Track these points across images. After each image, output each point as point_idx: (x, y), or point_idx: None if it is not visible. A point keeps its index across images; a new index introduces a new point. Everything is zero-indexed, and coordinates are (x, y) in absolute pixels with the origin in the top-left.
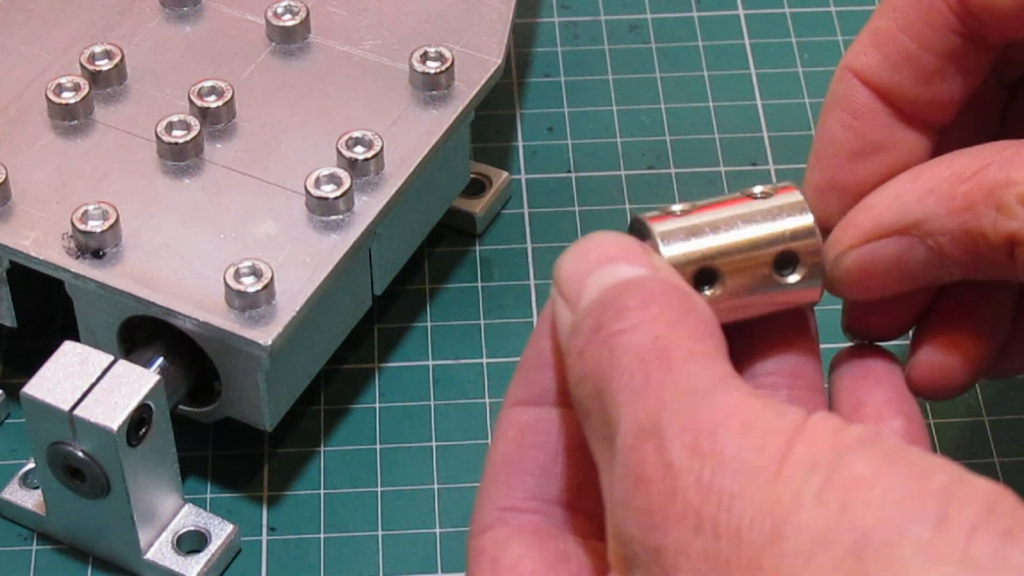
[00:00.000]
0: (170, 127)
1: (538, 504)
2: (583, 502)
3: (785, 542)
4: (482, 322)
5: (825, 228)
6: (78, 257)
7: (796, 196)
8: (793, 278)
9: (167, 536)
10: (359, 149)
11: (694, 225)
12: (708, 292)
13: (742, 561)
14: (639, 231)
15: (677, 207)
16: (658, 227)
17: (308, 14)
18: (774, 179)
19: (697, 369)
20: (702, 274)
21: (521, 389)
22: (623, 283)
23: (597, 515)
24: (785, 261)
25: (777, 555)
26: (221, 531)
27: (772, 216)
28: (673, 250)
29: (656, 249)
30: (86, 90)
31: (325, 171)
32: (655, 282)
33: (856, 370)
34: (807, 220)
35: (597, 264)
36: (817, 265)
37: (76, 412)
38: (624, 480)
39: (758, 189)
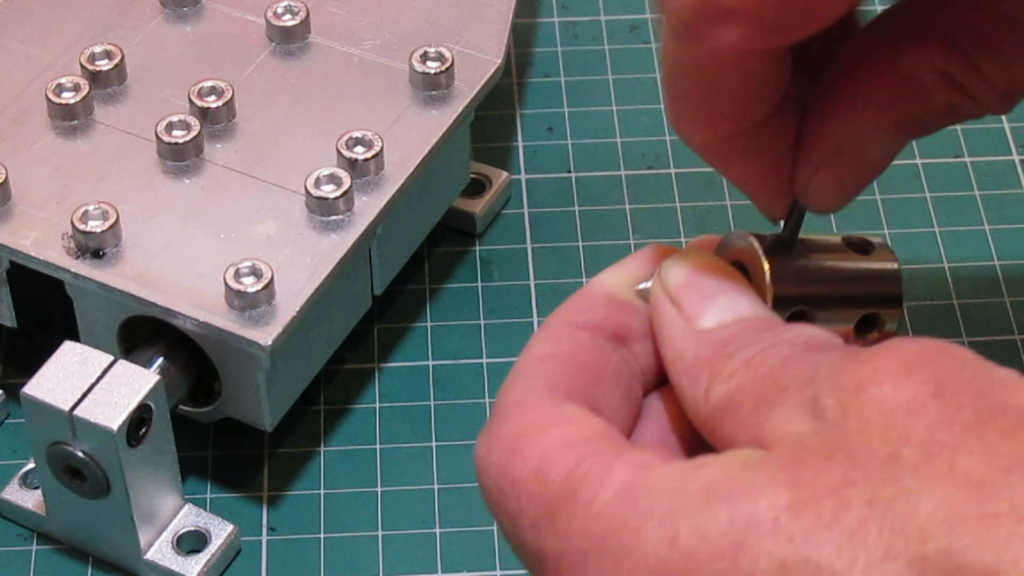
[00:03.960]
0: (170, 127)
1: (583, 399)
2: (620, 423)
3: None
4: (482, 322)
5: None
6: (78, 257)
7: (892, 264)
8: (870, 335)
9: (167, 536)
10: (359, 149)
11: (802, 267)
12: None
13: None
14: (736, 248)
15: (777, 234)
16: (768, 263)
17: (308, 14)
18: None
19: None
20: (795, 317)
21: (579, 316)
22: (758, 320)
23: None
24: (869, 323)
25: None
26: (221, 531)
27: (868, 279)
28: (780, 290)
29: (761, 280)
30: (86, 90)
31: (325, 171)
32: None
33: None
34: (896, 291)
35: (716, 288)
36: (892, 330)
37: (76, 412)
38: (835, 371)
39: (857, 240)
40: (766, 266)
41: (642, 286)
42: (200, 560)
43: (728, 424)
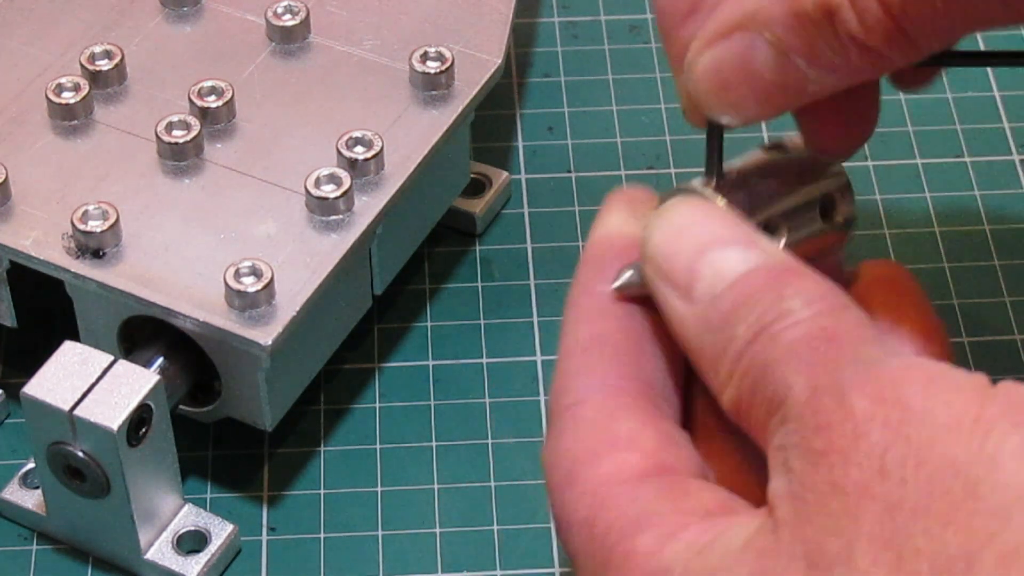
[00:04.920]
0: (170, 127)
1: (636, 384)
2: (668, 394)
3: (981, 500)
4: (482, 322)
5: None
6: (78, 257)
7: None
8: (837, 219)
9: (167, 536)
10: (359, 149)
11: (751, 194)
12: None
13: (931, 512)
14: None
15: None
16: (719, 197)
17: (308, 14)
18: None
19: (868, 347)
20: (765, 229)
21: (603, 283)
22: (751, 276)
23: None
24: (827, 207)
25: (971, 512)
26: (221, 531)
27: (809, 170)
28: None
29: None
30: (86, 90)
31: (325, 171)
32: (799, 275)
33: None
34: (837, 167)
35: (700, 247)
36: (850, 210)
37: (76, 412)
38: (800, 428)
39: (772, 145)
40: (718, 201)
41: (625, 277)
42: (200, 560)
43: (745, 426)
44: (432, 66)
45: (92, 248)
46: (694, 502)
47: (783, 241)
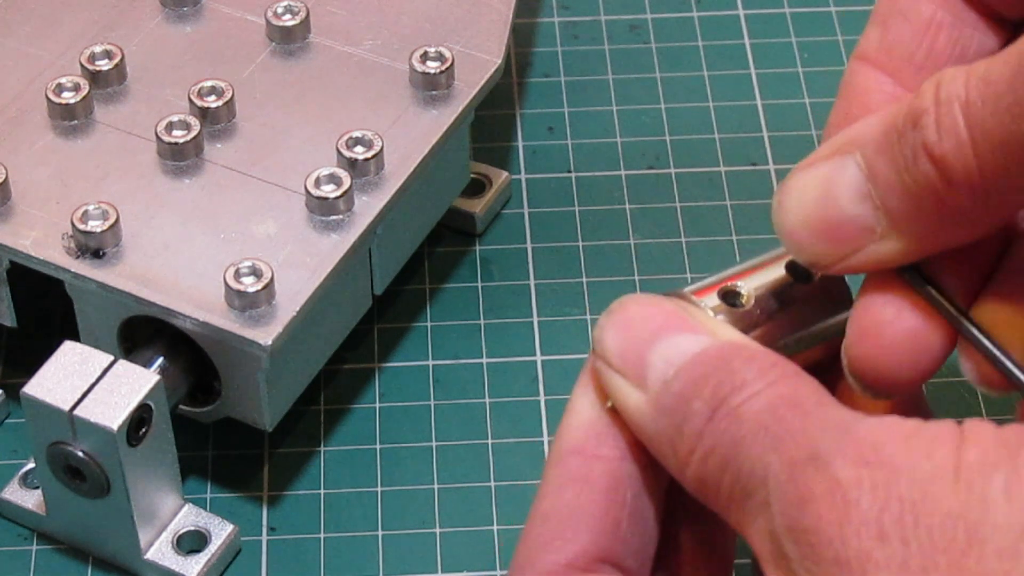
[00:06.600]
0: (170, 127)
1: (601, 566)
2: (640, 567)
3: (986, 544)
4: (482, 322)
5: None
6: (78, 257)
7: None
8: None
9: (167, 536)
10: (359, 149)
11: (708, 280)
12: (741, 303)
13: (940, 566)
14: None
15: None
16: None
17: (308, 14)
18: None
19: (834, 411)
20: (727, 294)
21: (580, 440)
22: (702, 355)
23: None
24: (798, 269)
25: (979, 557)
26: (221, 531)
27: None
28: (702, 295)
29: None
30: (86, 90)
31: (325, 171)
32: (749, 351)
33: None
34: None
35: (651, 337)
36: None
37: (76, 412)
38: (785, 508)
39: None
40: (684, 291)
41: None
42: (200, 560)
43: (714, 506)
44: (432, 66)
45: (92, 248)
46: None
47: (749, 299)
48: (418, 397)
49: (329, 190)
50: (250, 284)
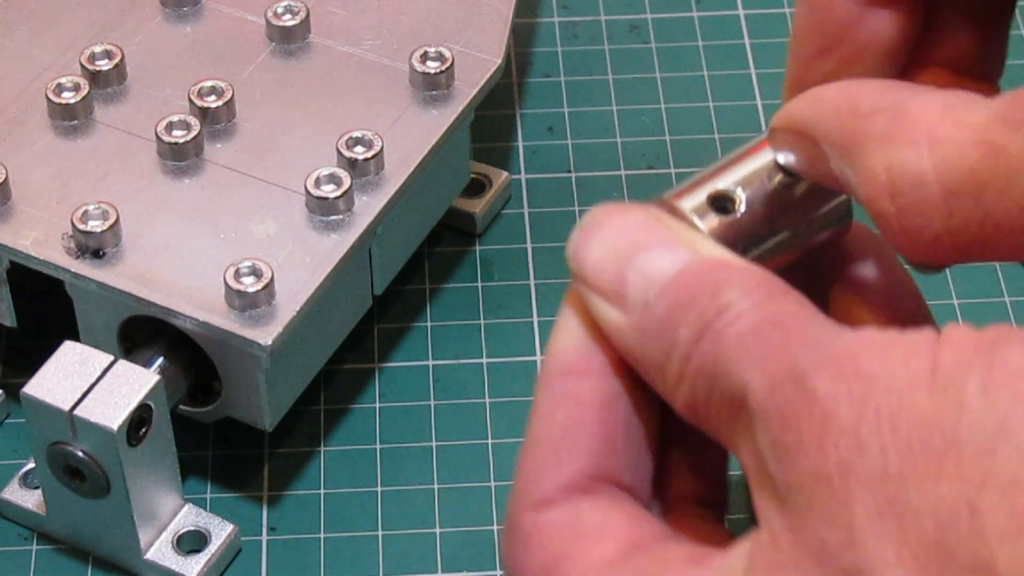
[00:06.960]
0: (170, 127)
1: (603, 471)
2: (639, 485)
3: (963, 445)
4: (482, 322)
5: None
6: (78, 257)
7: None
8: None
9: (167, 536)
10: (359, 149)
11: (694, 180)
12: (732, 208)
13: (919, 471)
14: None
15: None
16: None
17: (308, 14)
18: None
19: (814, 327)
20: (718, 200)
21: (568, 362)
22: (683, 276)
23: (647, 502)
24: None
25: (957, 459)
26: (221, 531)
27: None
28: (686, 198)
29: (671, 210)
30: (86, 90)
31: (325, 171)
32: (731, 268)
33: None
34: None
35: (628, 253)
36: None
37: (76, 412)
38: (768, 427)
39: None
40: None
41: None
42: (200, 560)
43: (706, 428)
44: (432, 66)
45: (92, 248)
46: (675, 558)
47: (742, 206)
48: (418, 397)
49: (329, 190)
50: (250, 284)
